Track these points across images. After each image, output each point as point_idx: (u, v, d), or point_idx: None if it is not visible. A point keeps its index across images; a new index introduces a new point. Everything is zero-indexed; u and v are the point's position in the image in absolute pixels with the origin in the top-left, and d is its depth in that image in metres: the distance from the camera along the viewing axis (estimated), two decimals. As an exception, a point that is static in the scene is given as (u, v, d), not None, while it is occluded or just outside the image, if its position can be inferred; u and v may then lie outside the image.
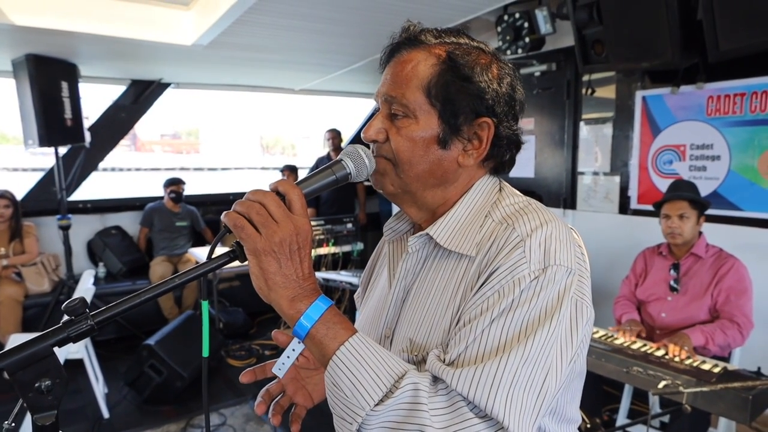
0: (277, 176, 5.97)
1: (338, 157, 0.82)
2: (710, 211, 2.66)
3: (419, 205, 0.88)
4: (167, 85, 5.25)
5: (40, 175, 4.90)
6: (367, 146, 0.87)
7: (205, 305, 0.74)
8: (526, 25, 3.50)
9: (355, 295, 1.17)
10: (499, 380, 0.68)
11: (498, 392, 0.67)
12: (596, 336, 2.51)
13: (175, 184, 5.12)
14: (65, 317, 0.63)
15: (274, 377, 1.00)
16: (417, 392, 0.68)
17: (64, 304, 0.62)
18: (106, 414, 3.27)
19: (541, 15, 3.33)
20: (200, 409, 3.38)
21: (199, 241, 5.27)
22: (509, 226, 0.78)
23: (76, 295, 3.26)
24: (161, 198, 5.18)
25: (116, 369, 3.89)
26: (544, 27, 3.35)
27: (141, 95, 5.11)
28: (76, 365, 3.17)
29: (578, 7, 2.98)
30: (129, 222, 5.29)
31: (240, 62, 4.48)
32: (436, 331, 0.80)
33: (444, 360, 0.73)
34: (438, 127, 0.82)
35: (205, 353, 0.75)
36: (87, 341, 3.39)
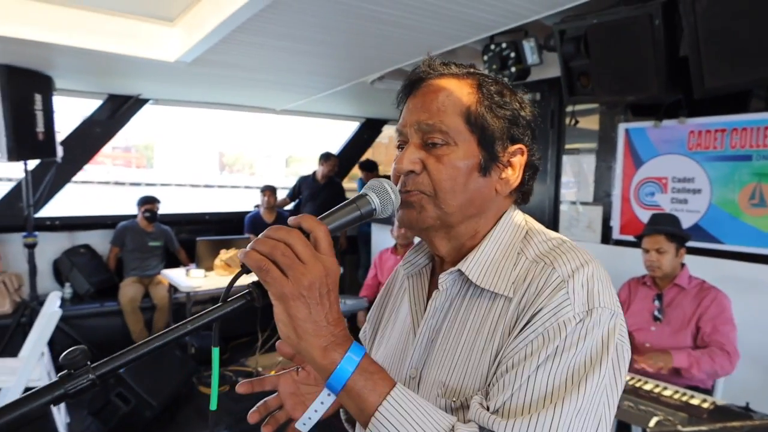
0: (249, 194, 5.84)
1: (362, 191, 0.76)
2: (692, 244, 2.69)
3: (450, 237, 0.84)
4: (145, 101, 5.12)
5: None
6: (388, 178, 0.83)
7: (215, 352, 0.67)
8: (512, 54, 3.53)
9: (361, 334, 1.11)
10: None
11: None
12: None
13: (149, 202, 4.95)
14: (63, 372, 0.55)
15: (272, 392, 0.93)
16: None
17: (62, 356, 0.54)
18: (68, 446, 3.07)
19: (528, 46, 3.37)
20: (170, 440, 3.21)
21: (172, 262, 5.08)
22: (547, 265, 0.75)
23: (40, 318, 3.07)
24: (134, 216, 5.00)
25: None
26: (531, 57, 3.39)
27: (118, 110, 4.96)
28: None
29: (566, 40, 3.02)
30: (99, 240, 5.08)
31: (223, 80, 4.40)
32: (473, 374, 0.76)
33: (488, 408, 0.69)
34: (479, 155, 0.80)
35: (213, 406, 0.67)
36: (49, 365, 3.20)
